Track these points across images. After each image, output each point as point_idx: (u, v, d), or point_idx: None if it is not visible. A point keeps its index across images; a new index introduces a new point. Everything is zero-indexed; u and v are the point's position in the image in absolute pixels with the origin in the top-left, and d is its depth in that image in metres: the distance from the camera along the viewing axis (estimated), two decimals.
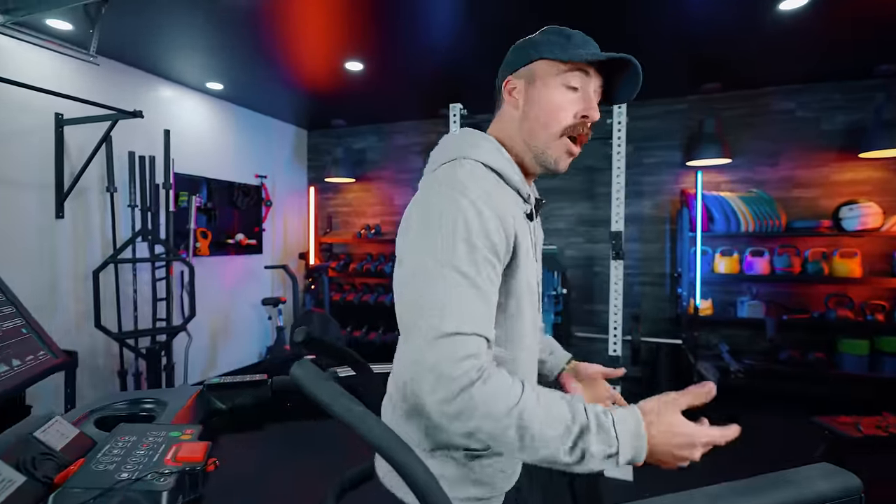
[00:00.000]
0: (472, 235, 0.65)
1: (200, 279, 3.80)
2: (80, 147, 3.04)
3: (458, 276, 0.64)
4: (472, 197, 0.67)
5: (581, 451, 0.61)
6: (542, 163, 0.80)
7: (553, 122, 0.77)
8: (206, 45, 3.14)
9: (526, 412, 0.62)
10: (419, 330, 0.64)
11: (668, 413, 0.66)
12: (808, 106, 3.77)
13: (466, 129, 0.82)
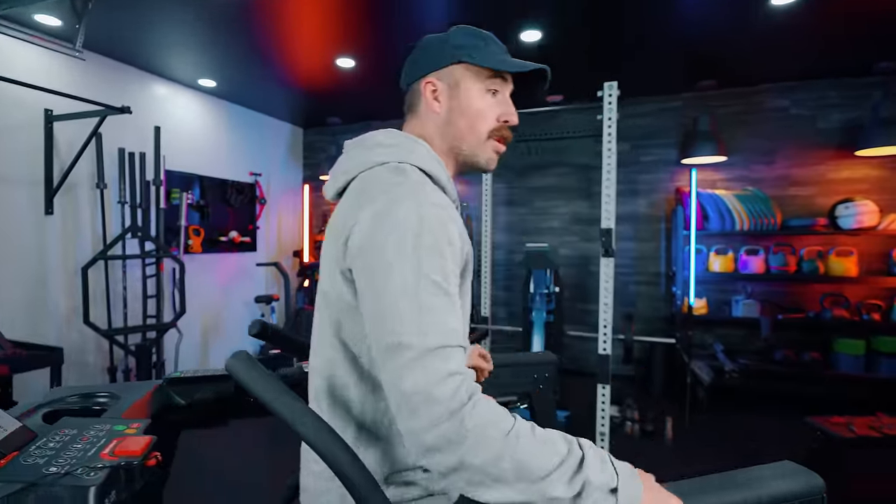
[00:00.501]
0: (441, 245, 0.62)
1: (193, 277, 3.78)
2: (70, 143, 3.03)
3: (430, 285, 0.59)
4: (433, 203, 0.65)
5: (581, 482, 0.56)
6: (472, 165, 0.80)
7: (479, 127, 0.77)
8: (197, 41, 3.13)
9: (522, 439, 0.56)
10: (396, 351, 0.57)
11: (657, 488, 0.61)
12: (804, 103, 3.73)
13: (392, 130, 0.78)
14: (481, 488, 0.55)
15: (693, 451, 2.85)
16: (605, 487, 0.56)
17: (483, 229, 3.95)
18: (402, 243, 0.61)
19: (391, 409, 0.59)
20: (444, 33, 0.82)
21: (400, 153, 0.72)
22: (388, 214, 0.63)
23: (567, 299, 4.31)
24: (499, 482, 0.55)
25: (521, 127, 4.52)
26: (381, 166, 0.70)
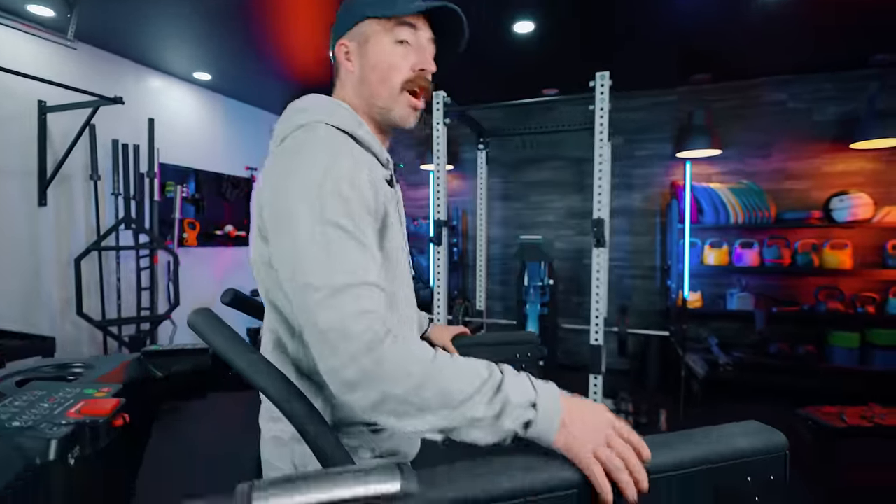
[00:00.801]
0: (345, 190, 0.62)
1: (188, 270, 3.79)
2: (64, 134, 3.03)
3: (337, 230, 0.60)
4: (340, 154, 0.66)
5: (501, 402, 0.57)
6: (388, 122, 0.79)
7: (391, 79, 0.75)
8: (192, 34, 3.13)
9: (443, 367, 0.57)
10: (308, 292, 0.59)
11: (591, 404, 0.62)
12: (800, 97, 3.73)
13: (315, 95, 0.77)
14: (406, 419, 0.56)
15: None
16: (524, 403, 0.57)
17: (478, 223, 3.96)
18: (305, 192, 0.61)
19: (312, 351, 0.59)
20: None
21: (317, 114, 0.72)
22: (293, 168, 0.64)
23: (562, 292, 4.31)
24: (423, 411, 0.56)
25: (515, 120, 4.52)
26: (299, 128, 0.70)
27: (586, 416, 0.58)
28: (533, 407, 0.57)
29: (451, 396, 0.56)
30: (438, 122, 2.90)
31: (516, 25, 2.88)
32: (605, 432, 0.56)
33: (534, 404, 0.57)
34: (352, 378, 0.56)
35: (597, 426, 0.57)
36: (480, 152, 3.87)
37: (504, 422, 0.56)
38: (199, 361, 1.00)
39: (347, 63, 0.78)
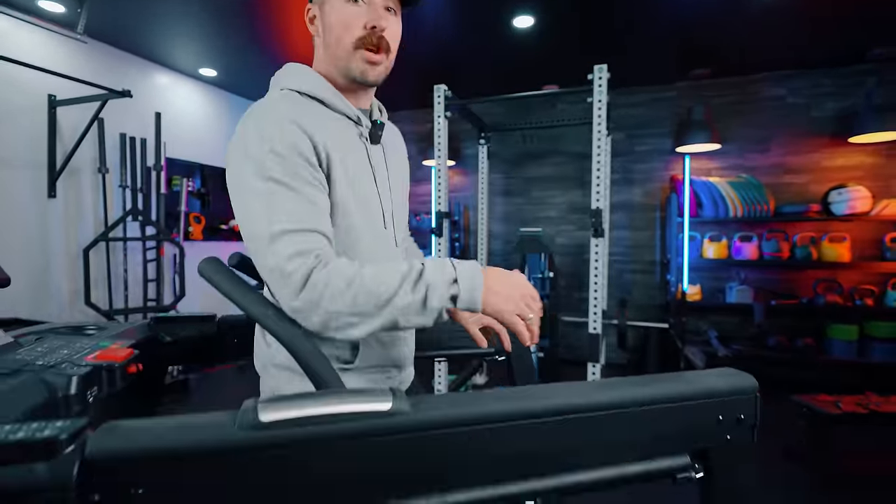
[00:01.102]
0: (279, 147, 0.69)
1: (193, 263, 3.84)
2: (73, 128, 3.10)
3: (273, 184, 0.67)
4: (275, 116, 0.71)
5: (424, 286, 0.65)
6: (350, 78, 0.81)
7: (344, 38, 0.78)
8: (199, 31, 3.19)
9: (366, 276, 0.65)
10: (255, 241, 0.68)
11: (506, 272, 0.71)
12: (799, 92, 3.75)
13: (290, 63, 0.84)
14: (351, 329, 0.65)
15: None
16: (447, 281, 0.65)
17: (479, 218, 4.00)
18: (240, 155, 0.70)
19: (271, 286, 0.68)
20: None
21: (280, 80, 0.80)
22: (237, 135, 0.73)
23: (564, 287, 4.34)
24: (363, 316, 0.64)
25: (516, 116, 4.55)
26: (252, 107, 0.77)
27: (506, 284, 0.68)
28: (455, 283, 0.65)
29: (379, 296, 0.64)
30: (439, 115, 2.94)
31: (516, 20, 2.93)
32: (523, 297, 0.68)
33: (455, 280, 0.65)
34: (298, 307, 0.65)
35: (515, 292, 0.67)
36: (481, 147, 3.91)
37: (432, 302, 0.65)
38: (205, 329, 1.05)
39: (312, 27, 0.84)
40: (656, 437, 0.62)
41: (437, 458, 0.51)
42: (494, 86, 4.05)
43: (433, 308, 0.65)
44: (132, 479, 0.42)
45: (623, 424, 0.60)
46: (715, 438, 0.64)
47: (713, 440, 0.64)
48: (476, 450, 0.53)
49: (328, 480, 0.47)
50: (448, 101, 2.97)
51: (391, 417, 0.49)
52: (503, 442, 0.54)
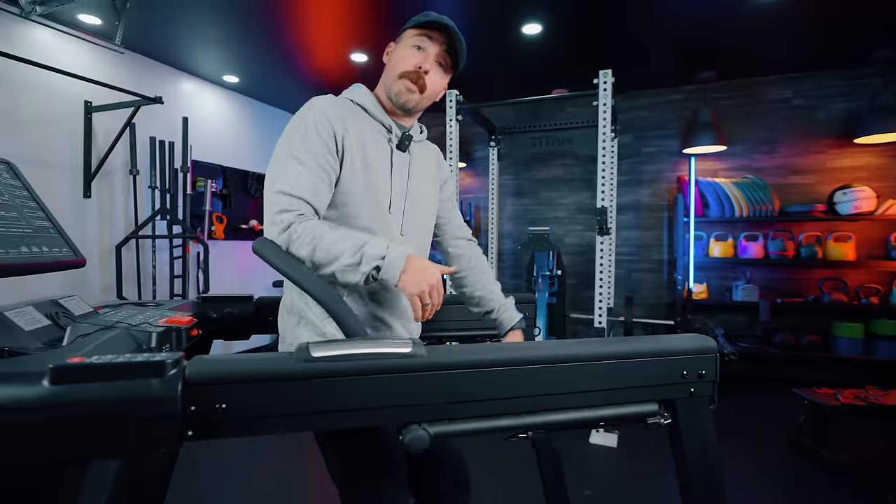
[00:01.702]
0: (307, 132, 0.93)
1: (216, 261, 4.04)
2: (107, 133, 3.30)
3: (292, 159, 0.91)
4: (317, 108, 0.96)
5: (360, 255, 0.85)
6: (390, 98, 1.04)
7: (398, 68, 1.02)
8: (223, 39, 3.38)
9: (327, 238, 0.86)
10: (266, 191, 0.93)
11: (426, 261, 0.89)
12: (806, 94, 3.82)
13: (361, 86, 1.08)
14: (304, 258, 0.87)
15: None
16: (376, 256, 0.85)
17: (489, 218, 4.12)
18: (286, 134, 0.96)
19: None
20: None
21: (345, 92, 1.05)
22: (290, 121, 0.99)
23: (573, 286, 4.45)
24: (321, 265, 0.87)
25: (526, 119, 4.67)
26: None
27: (418, 272, 0.85)
28: (382, 259, 0.84)
29: (331, 254, 0.85)
30: (451, 118, 3.08)
31: (525, 27, 3.06)
32: (429, 285, 0.85)
33: (382, 257, 0.84)
34: (280, 244, 0.87)
35: (422, 280, 0.84)
36: (492, 149, 4.04)
37: (362, 267, 0.84)
38: (244, 308, 1.19)
39: (385, 58, 1.08)
40: (629, 387, 0.75)
41: (444, 393, 0.65)
42: (505, 90, 4.18)
43: (362, 271, 0.84)
44: (217, 396, 0.56)
45: (601, 374, 0.72)
46: (680, 391, 0.77)
47: (678, 392, 0.77)
48: (476, 389, 0.66)
49: (359, 403, 0.61)
50: (459, 105, 3.11)
51: (410, 359, 0.63)
52: (498, 384, 0.67)
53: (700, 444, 0.78)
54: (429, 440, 0.64)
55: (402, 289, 0.85)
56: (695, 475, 0.78)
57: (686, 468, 0.78)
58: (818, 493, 2.18)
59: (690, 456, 0.78)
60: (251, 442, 2.71)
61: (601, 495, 2.15)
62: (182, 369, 0.56)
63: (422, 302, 0.85)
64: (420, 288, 0.84)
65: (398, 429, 0.65)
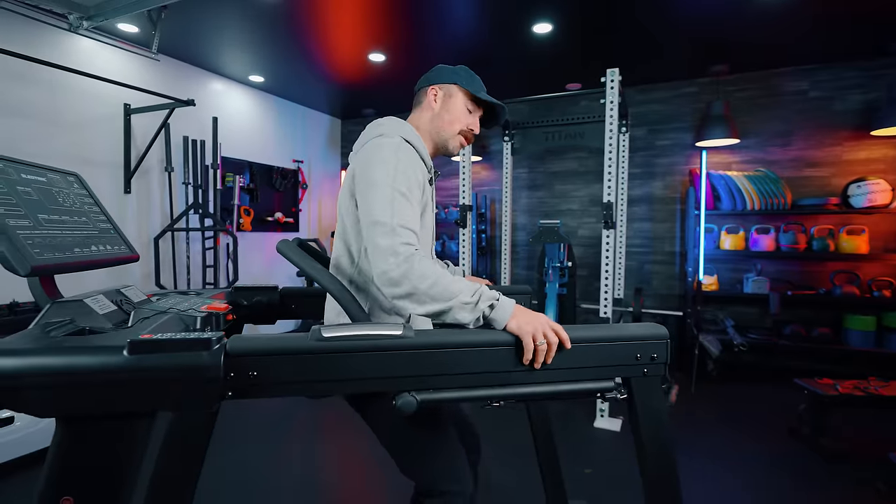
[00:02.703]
0: (407, 170, 1.02)
1: (244, 251, 4.28)
2: (145, 132, 3.55)
3: (398, 194, 0.98)
4: (406, 150, 1.06)
5: (478, 296, 0.92)
6: (443, 148, 1.21)
7: (456, 126, 1.19)
8: (249, 41, 3.56)
9: (447, 276, 0.93)
10: (379, 225, 0.95)
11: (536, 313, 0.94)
12: (822, 86, 3.80)
13: (390, 117, 1.17)
14: (423, 305, 0.92)
15: (691, 415, 3.05)
16: (492, 298, 0.91)
17: (503, 210, 4.24)
18: (383, 169, 1.01)
19: (371, 262, 0.96)
20: (454, 66, 1.24)
21: (391, 129, 1.12)
22: (376, 155, 1.04)
23: (584, 277, 4.55)
24: (434, 300, 0.91)
25: (540, 114, 4.75)
26: (378, 136, 1.10)
27: (530, 315, 0.91)
28: (497, 300, 0.92)
29: (450, 291, 0.91)
30: None
31: (536, 27, 3.14)
32: (541, 325, 0.88)
33: (497, 299, 0.93)
34: (395, 277, 0.92)
35: (536, 321, 0.89)
36: (506, 144, 4.15)
37: (480, 304, 0.91)
38: (271, 297, 1.37)
39: (434, 102, 1.20)
40: (590, 367, 0.89)
41: (429, 367, 0.80)
42: (519, 86, 4.27)
43: (479, 309, 0.90)
44: (250, 365, 0.73)
45: (564, 355, 0.87)
46: (634, 371, 0.90)
47: (633, 371, 0.90)
48: (456, 364, 0.81)
49: (360, 374, 0.77)
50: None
51: (400, 339, 0.78)
52: (475, 361, 0.82)
53: (652, 415, 0.92)
54: (416, 405, 0.80)
55: (517, 332, 0.86)
56: (647, 441, 0.92)
57: (640, 436, 0.92)
58: (817, 479, 2.26)
59: (643, 425, 0.92)
60: (278, 419, 2.94)
61: (601, 474, 2.29)
62: (224, 345, 0.73)
63: (535, 341, 0.85)
64: (534, 326, 0.86)
65: (392, 396, 0.81)
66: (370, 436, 1.10)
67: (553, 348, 0.86)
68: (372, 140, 1.08)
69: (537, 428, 1.44)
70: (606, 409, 2.92)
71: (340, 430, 2.79)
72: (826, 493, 2.14)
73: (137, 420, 0.71)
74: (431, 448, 1.07)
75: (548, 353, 0.86)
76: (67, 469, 0.68)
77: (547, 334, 0.86)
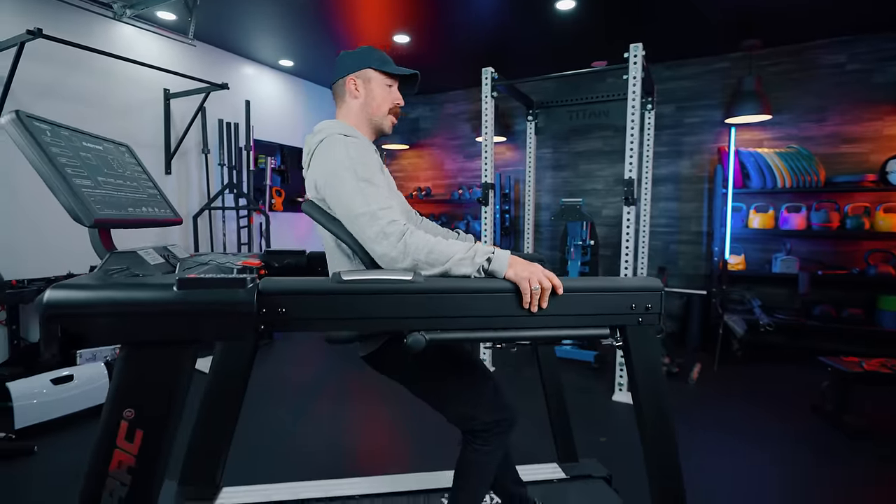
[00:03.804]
0: (361, 158, 1.08)
1: (275, 230, 4.47)
2: (182, 116, 3.73)
3: (363, 183, 1.04)
4: (352, 142, 1.11)
5: (473, 251, 0.99)
6: (378, 130, 1.28)
7: (384, 107, 1.25)
8: (279, 25, 3.69)
9: (441, 242, 1.00)
10: (360, 217, 1.01)
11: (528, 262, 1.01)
12: (861, 58, 3.64)
13: (325, 121, 1.21)
14: (425, 271, 0.99)
15: (713, 392, 3.05)
16: (487, 252, 0.98)
17: (526, 190, 4.27)
18: (340, 167, 1.06)
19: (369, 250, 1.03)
20: (355, 50, 1.28)
21: (330, 130, 1.16)
22: (329, 158, 1.09)
23: (608, 256, 4.54)
24: (433, 265, 0.98)
25: (565, 93, 4.72)
26: (321, 142, 1.14)
27: (526, 264, 0.98)
28: (492, 253, 0.99)
29: (446, 254, 0.98)
30: (486, 95, 3.24)
31: (558, 3, 3.13)
32: (536, 272, 0.96)
33: (493, 252, 1.00)
34: (395, 256, 0.99)
35: (531, 268, 0.96)
36: (529, 123, 4.16)
37: (476, 258, 0.98)
38: (299, 259, 1.49)
39: (356, 91, 1.24)
40: (588, 314, 0.96)
41: (437, 310, 0.89)
42: (542, 65, 4.25)
43: (476, 262, 0.97)
44: (280, 303, 0.84)
45: (563, 302, 0.94)
46: (629, 319, 0.97)
47: (628, 320, 0.97)
48: (462, 307, 0.90)
49: (374, 314, 0.87)
50: (495, 81, 3.26)
51: (411, 283, 0.87)
52: (479, 305, 0.91)
53: (647, 362, 0.99)
54: (425, 343, 0.89)
55: (513, 276, 0.94)
56: (641, 385, 0.99)
57: (635, 381, 0.99)
58: (839, 455, 2.25)
59: (637, 371, 0.98)
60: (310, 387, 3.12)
61: (614, 442, 2.35)
62: (257, 284, 0.84)
63: (531, 286, 0.92)
64: (529, 272, 0.93)
65: (404, 334, 0.91)
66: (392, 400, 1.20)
67: (547, 293, 0.94)
68: (318, 147, 1.13)
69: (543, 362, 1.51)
70: (625, 384, 2.96)
71: (365, 396, 2.94)
72: (849, 469, 2.14)
73: (185, 347, 0.83)
74: (470, 390, 1.18)
75: (542, 298, 0.93)
76: (129, 386, 0.81)
77: (541, 280, 0.94)
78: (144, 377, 0.81)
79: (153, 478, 0.81)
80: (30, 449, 2.13)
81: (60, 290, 0.79)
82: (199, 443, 1.45)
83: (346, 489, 1.56)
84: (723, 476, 2.08)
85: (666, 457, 1.01)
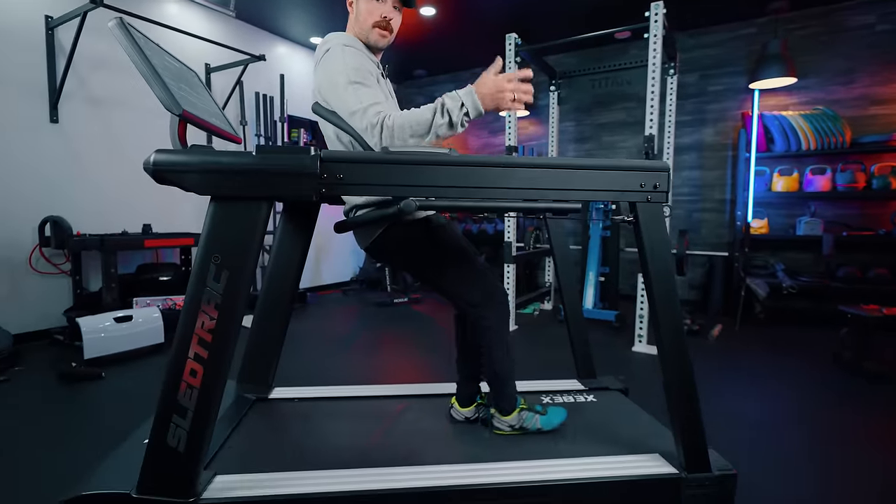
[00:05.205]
0: (354, 63, 1.22)
1: None
2: (222, 90, 3.96)
3: (356, 84, 1.19)
4: (348, 51, 1.25)
5: (445, 110, 1.12)
6: (372, 44, 1.36)
7: (369, 20, 1.33)
8: (310, 4, 3.87)
9: (414, 113, 1.14)
10: (354, 112, 1.18)
11: (486, 77, 1.14)
12: (891, 18, 3.61)
13: (333, 32, 1.35)
14: (411, 140, 1.14)
15: (732, 348, 3.10)
16: (457, 101, 1.12)
17: None
18: (336, 71, 1.22)
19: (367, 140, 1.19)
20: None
21: (334, 40, 1.30)
22: (328, 65, 1.25)
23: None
24: (420, 136, 1.14)
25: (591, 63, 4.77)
26: (326, 51, 1.29)
27: (488, 87, 1.12)
28: (462, 105, 1.12)
29: (424, 126, 1.13)
30: (510, 60, 3.35)
31: None
32: (502, 87, 1.11)
33: (462, 104, 1.13)
34: (386, 142, 1.15)
35: (496, 88, 1.12)
36: (552, 94, 4.25)
37: (452, 116, 1.12)
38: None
39: (350, 9, 1.39)
40: (602, 190, 1.09)
41: (467, 180, 1.03)
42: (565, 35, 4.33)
43: (455, 123, 1.12)
44: (338, 169, 0.99)
45: (577, 178, 1.07)
46: (639, 196, 1.09)
47: (638, 197, 1.09)
48: (490, 179, 1.04)
49: (417, 182, 1.01)
50: (518, 47, 3.37)
51: (447, 156, 1.02)
52: (498, 178, 1.04)
53: (655, 235, 1.11)
54: (414, 207, 1.06)
55: (493, 107, 1.11)
56: (651, 260, 1.11)
57: (645, 256, 1.12)
58: (860, 397, 2.28)
59: (646, 245, 1.11)
60: (344, 339, 3.30)
61: (630, 383, 2.45)
62: (319, 153, 1.00)
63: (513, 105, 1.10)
64: (504, 95, 1.10)
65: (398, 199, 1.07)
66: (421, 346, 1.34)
67: (522, 85, 1.11)
68: (323, 55, 1.28)
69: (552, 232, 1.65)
70: (644, 336, 3.05)
71: (394, 346, 3.12)
72: (868, 408, 2.18)
73: (261, 204, 0.99)
74: (460, 273, 1.32)
75: (525, 94, 1.11)
76: (216, 236, 0.98)
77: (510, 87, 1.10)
78: (228, 229, 0.98)
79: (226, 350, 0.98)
80: (98, 374, 2.38)
81: (164, 153, 0.97)
82: (254, 347, 1.64)
83: (375, 391, 1.73)
84: (743, 410, 2.16)
85: (673, 331, 1.12)
